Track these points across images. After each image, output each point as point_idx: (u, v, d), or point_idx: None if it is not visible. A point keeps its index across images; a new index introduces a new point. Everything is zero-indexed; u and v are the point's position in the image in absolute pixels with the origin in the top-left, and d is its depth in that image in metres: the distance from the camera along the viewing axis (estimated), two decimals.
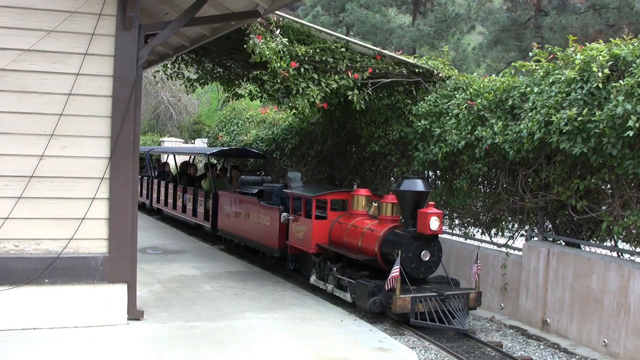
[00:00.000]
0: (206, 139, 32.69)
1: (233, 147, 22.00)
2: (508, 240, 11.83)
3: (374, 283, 9.99)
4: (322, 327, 9.62)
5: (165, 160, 25.59)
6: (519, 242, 11.52)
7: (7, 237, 8.58)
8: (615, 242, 9.79)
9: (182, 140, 37.44)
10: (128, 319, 9.19)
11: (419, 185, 10.13)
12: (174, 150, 26.38)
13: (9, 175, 8.58)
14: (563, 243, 10.52)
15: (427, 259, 10.06)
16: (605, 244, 9.93)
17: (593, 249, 10.05)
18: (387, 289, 9.59)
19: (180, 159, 24.39)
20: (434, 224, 9.75)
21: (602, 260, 9.41)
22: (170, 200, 20.43)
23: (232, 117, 26.47)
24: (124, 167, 9.05)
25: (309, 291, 11.94)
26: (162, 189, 21.56)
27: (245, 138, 23.54)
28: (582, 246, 10.28)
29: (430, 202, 10.04)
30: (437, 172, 13.35)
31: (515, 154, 10.32)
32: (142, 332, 8.87)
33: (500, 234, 11.94)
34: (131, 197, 9.15)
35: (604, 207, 9.68)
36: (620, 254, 9.67)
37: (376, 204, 11.17)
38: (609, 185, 9.55)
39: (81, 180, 8.89)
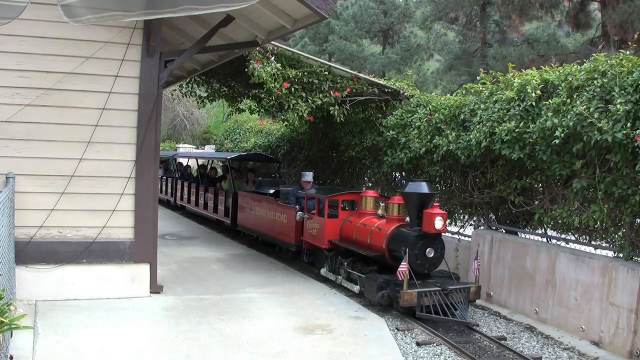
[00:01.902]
0: (214, 145, 32.60)
1: (251, 153, 20.71)
2: (460, 229, 11.92)
3: (382, 278, 9.16)
4: (308, 299, 9.67)
5: (187, 163, 24.95)
6: (469, 230, 11.60)
7: (52, 225, 8.64)
8: (545, 230, 9.89)
9: (194, 147, 37.25)
10: (150, 292, 9.23)
11: (424, 187, 9.22)
12: (198, 155, 24.89)
13: (54, 175, 8.63)
14: (504, 231, 10.59)
15: (431, 255, 9.16)
16: (537, 231, 10.03)
17: (528, 236, 10.14)
18: (400, 279, 8.60)
19: (198, 162, 23.25)
20: (439, 223, 8.91)
21: (535, 244, 9.50)
22: (193, 199, 19.48)
23: (235, 128, 26.43)
24: (147, 168, 9.09)
25: (297, 270, 11.97)
26: (186, 189, 20.49)
27: (246, 145, 23.52)
28: (519, 233, 10.37)
29: (435, 203, 9.32)
30: (403, 173, 13.40)
31: (466, 158, 10.39)
32: (162, 303, 8.91)
33: (453, 223, 12.02)
34: (153, 192, 9.19)
35: (536, 202, 9.77)
36: (549, 240, 9.77)
37: (384, 204, 10.31)
38: (540, 184, 9.64)
39: (112, 179, 8.93)
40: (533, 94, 9.04)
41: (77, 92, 8.65)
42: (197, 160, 22.62)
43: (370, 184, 15.01)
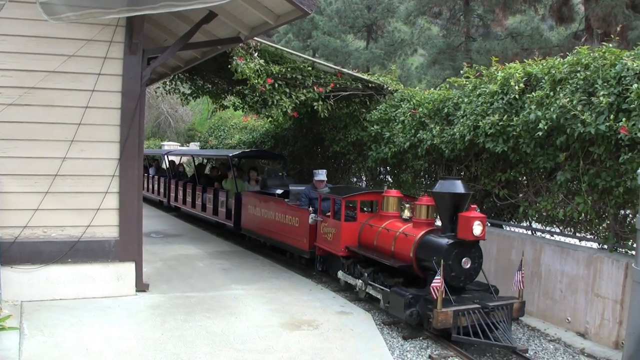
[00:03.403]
0: (198, 142, 32.48)
1: (254, 150, 19.34)
2: None
3: (410, 293, 7.82)
4: (294, 295, 9.66)
5: (179, 162, 24.26)
6: None
7: (37, 224, 8.55)
8: (530, 223, 9.94)
9: (179, 144, 37.09)
10: (136, 291, 9.19)
11: (459, 187, 7.95)
12: (194, 153, 23.19)
13: (38, 174, 8.54)
14: (489, 224, 10.64)
15: (468, 266, 7.85)
16: (522, 224, 10.08)
17: (513, 229, 10.18)
18: (434, 297, 7.26)
19: (195, 160, 22.41)
20: (477, 229, 7.62)
21: (520, 237, 9.56)
22: (189, 199, 18.23)
23: (220, 125, 26.37)
24: (131, 166, 9.03)
25: (283, 266, 11.95)
26: (181, 189, 19.11)
27: (231, 142, 23.47)
28: (504, 226, 10.42)
29: (472, 205, 7.94)
30: (387, 167, 13.44)
31: (450, 152, 10.44)
32: (148, 301, 8.88)
33: (438, 217, 12.03)
34: (137, 191, 9.13)
35: (520, 195, 9.82)
36: (533, 232, 9.83)
37: (409, 206, 9.14)
38: (524, 177, 9.69)
39: (96, 178, 8.86)
40: (516, 87, 9.09)
41: (59, 91, 8.57)
42: (193, 158, 21.83)
43: (355, 179, 15.04)
